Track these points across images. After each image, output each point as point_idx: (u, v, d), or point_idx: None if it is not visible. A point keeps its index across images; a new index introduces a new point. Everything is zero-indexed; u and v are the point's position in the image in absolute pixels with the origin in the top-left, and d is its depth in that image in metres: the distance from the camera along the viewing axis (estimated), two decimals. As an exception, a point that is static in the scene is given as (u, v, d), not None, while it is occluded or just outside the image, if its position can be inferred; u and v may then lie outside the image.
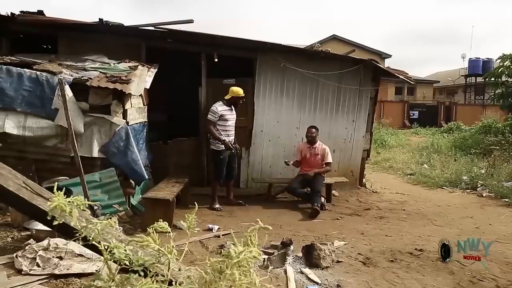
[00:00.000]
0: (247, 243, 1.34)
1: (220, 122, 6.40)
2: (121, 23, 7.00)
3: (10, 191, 1.53)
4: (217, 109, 6.38)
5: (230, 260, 1.22)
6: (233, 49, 7.55)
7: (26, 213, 2.18)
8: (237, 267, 1.21)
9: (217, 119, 6.37)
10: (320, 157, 7.03)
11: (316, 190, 6.70)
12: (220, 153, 6.46)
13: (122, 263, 1.44)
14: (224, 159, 6.51)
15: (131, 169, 5.62)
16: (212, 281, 1.22)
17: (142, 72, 6.22)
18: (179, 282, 1.43)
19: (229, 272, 1.19)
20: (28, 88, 5.29)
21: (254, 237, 1.38)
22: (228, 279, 1.19)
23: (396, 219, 6.47)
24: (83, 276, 3.47)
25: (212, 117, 6.38)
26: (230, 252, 1.26)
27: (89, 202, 2.04)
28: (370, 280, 3.92)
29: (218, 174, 6.63)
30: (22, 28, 7.04)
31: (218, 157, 6.49)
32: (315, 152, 7.04)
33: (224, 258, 1.26)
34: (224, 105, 6.45)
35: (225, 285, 1.20)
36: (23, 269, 3.38)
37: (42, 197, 1.59)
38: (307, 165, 7.06)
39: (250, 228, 1.49)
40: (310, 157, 7.04)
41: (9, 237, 4.31)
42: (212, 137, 6.48)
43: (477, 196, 8.27)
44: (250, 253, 1.28)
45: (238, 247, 1.28)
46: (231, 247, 1.30)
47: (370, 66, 7.92)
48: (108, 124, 5.58)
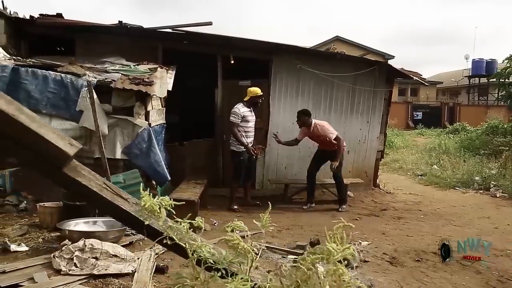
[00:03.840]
0: (334, 241, 1.39)
1: (242, 124, 6.44)
2: (140, 25, 7.04)
3: (94, 191, 1.57)
4: (240, 110, 6.42)
5: (332, 257, 1.26)
6: (249, 51, 7.61)
7: (107, 212, 2.22)
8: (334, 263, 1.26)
9: (240, 120, 6.41)
10: (322, 136, 6.78)
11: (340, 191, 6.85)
12: (240, 154, 6.50)
13: (207, 262, 1.48)
14: (244, 161, 6.55)
15: (153, 170, 5.67)
16: (306, 278, 1.26)
17: (162, 74, 6.27)
18: (261, 280, 1.47)
19: (334, 268, 1.24)
20: (53, 90, 5.33)
21: (340, 234, 1.43)
22: (331, 274, 1.23)
23: (414, 219, 6.50)
24: (120, 276, 3.51)
25: (235, 119, 6.42)
26: (328, 249, 1.30)
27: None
28: (399, 279, 3.96)
29: (237, 175, 6.66)
30: (41, 30, 7.09)
31: (238, 158, 6.52)
32: (316, 133, 6.79)
33: (323, 255, 1.30)
34: (245, 107, 6.49)
35: (329, 281, 1.24)
36: (61, 269, 3.41)
37: (122, 198, 1.63)
38: (322, 144, 6.92)
39: (335, 225, 1.53)
40: (314, 137, 6.89)
41: (40, 237, 4.35)
42: (237, 140, 6.50)
43: (491, 197, 8.31)
44: (349, 250, 1.33)
45: (333, 245, 1.33)
46: (326, 243, 1.34)
47: (384, 67, 7.98)
48: (130, 126, 5.62)
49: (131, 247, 4.31)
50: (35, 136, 1.47)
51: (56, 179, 1.58)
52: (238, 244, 1.48)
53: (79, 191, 1.59)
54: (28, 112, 1.52)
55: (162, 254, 4.15)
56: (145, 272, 3.57)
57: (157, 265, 3.74)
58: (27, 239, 4.31)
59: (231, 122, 6.47)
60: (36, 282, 3.20)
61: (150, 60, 7.00)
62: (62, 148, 1.50)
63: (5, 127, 1.46)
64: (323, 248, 1.39)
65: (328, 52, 7.98)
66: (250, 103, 6.56)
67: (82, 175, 1.59)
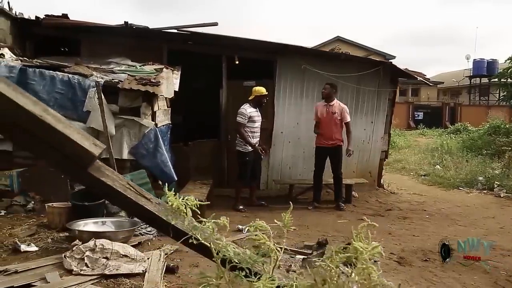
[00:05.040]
0: (359, 240, 1.40)
1: (248, 124, 6.46)
2: (146, 26, 7.06)
3: (118, 191, 1.58)
4: (246, 111, 6.43)
5: (360, 255, 1.28)
6: (253, 51, 7.63)
7: (132, 212, 2.24)
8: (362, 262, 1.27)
9: (247, 121, 6.42)
10: (337, 115, 6.70)
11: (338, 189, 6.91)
12: (246, 154, 6.51)
13: (233, 261, 1.49)
14: (250, 161, 6.57)
15: (160, 171, 5.68)
16: (335, 276, 1.27)
17: (168, 75, 6.29)
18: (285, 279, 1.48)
19: (363, 266, 1.25)
20: (60, 90, 5.35)
21: (364, 234, 1.44)
22: (359, 273, 1.24)
23: (419, 219, 6.51)
24: (131, 277, 3.52)
25: (242, 119, 6.43)
26: (356, 247, 1.31)
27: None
28: (409, 279, 3.97)
29: (242, 175, 6.67)
30: (46, 31, 7.10)
31: (244, 158, 6.54)
32: (332, 110, 6.71)
33: (350, 253, 1.32)
34: (251, 107, 6.51)
35: (358, 280, 1.25)
36: (73, 269, 3.42)
37: (145, 198, 1.64)
38: (324, 126, 6.77)
39: (360, 224, 1.54)
40: (327, 116, 6.74)
41: (49, 238, 4.36)
42: (243, 140, 6.52)
43: (495, 197, 8.33)
44: (377, 249, 1.34)
45: (360, 243, 1.34)
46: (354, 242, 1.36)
47: (388, 68, 7.99)
48: (137, 126, 5.64)
49: (140, 247, 4.32)
50: (61, 137, 1.48)
51: (82, 179, 1.60)
52: (264, 243, 1.49)
53: (104, 191, 1.60)
54: (54, 113, 1.54)
55: (171, 254, 4.17)
56: (155, 272, 3.58)
57: (167, 265, 3.75)
58: (36, 239, 4.32)
59: (237, 123, 6.47)
60: (48, 282, 3.21)
61: (155, 60, 7.01)
62: (87, 148, 1.51)
63: (33, 128, 1.47)
64: (348, 247, 1.40)
65: (333, 53, 8.00)
66: (255, 103, 6.57)
67: (106, 175, 1.60)
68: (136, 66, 6.41)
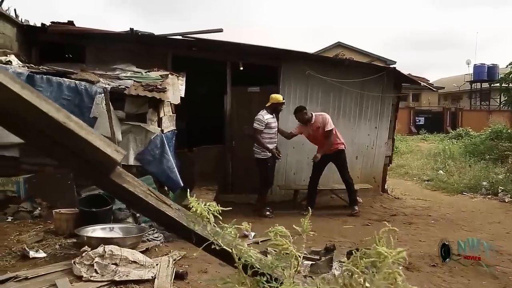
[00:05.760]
0: (382, 245, 1.41)
1: (265, 130, 6.52)
2: (152, 33, 7.09)
3: (140, 197, 1.59)
4: (263, 117, 6.49)
5: (385, 259, 1.28)
6: (257, 57, 7.66)
7: (153, 218, 2.24)
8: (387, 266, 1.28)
9: (264, 127, 6.47)
10: (322, 129, 6.79)
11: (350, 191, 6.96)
12: (266, 161, 6.59)
13: (254, 266, 1.49)
14: (271, 166, 6.69)
15: (166, 177, 5.68)
16: (361, 282, 1.28)
17: (173, 81, 6.31)
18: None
19: (389, 270, 1.25)
20: (67, 97, 5.36)
21: (385, 239, 1.45)
22: (385, 278, 1.25)
23: (424, 224, 6.51)
24: (141, 283, 3.53)
25: (259, 126, 6.48)
26: (380, 252, 1.32)
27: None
28: (417, 284, 3.94)
29: (266, 181, 6.76)
30: (51, 38, 7.14)
31: (266, 164, 6.61)
32: (316, 126, 6.81)
33: (374, 257, 1.32)
34: (268, 113, 6.57)
35: (384, 284, 1.26)
36: (83, 275, 3.43)
37: (166, 204, 1.65)
38: (315, 141, 6.96)
39: (381, 229, 1.55)
40: (313, 133, 6.88)
41: (57, 244, 4.36)
42: (261, 146, 6.56)
43: (500, 202, 8.32)
44: (402, 254, 1.35)
45: (384, 248, 1.35)
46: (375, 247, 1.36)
47: (392, 73, 8.02)
48: (143, 132, 5.65)
49: (147, 253, 4.32)
50: (85, 143, 1.50)
51: (104, 185, 1.60)
52: (287, 248, 1.50)
53: (126, 198, 1.61)
54: (76, 120, 1.55)
55: (179, 260, 4.17)
56: (165, 278, 3.58)
57: (176, 271, 3.75)
58: (44, 246, 4.32)
59: (254, 129, 6.51)
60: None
61: (159, 66, 7.04)
62: (110, 154, 1.52)
63: (56, 134, 1.49)
64: (371, 252, 1.41)
65: (337, 58, 8.04)
66: (272, 109, 6.64)
67: (127, 182, 1.61)
68: (142, 72, 6.44)
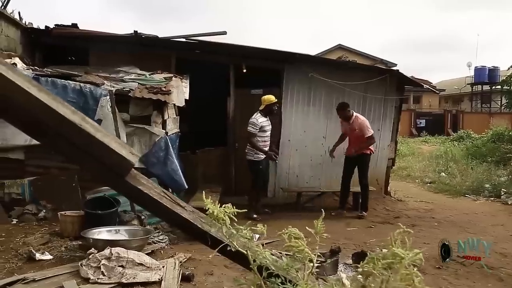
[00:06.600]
0: (396, 246, 1.41)
1: (259, 133, 6.50)
2: (155, 35, 7.11)
3: (155, 199, 1.60)
4: (258, 121, 6.48)
5: (403, 260, 1.29)
6: (261, 60, 7.68)
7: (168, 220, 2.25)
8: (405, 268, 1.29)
9: (258, 130, 6.46)
10: (358, 131, 6.81)
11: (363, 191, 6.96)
12: (258, 163, 6.57)
13: (270, 268, 1.50)
14: (263, 169, 6.66)
15: (171, 179, 5.70)
16: (380, 283, 1.28)
17: (177, 83, 6.33)
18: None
19: (406, 271, 1.26)
20: (72, 99, 5.37)
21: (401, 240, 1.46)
22: (402, 279, 1.26)
23: (428, 227, 6.51)
24: (148, 285, 3.53)
25: (253, 129, 6.47)
26: (397, 253, 1.33)
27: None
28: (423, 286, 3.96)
29: (257, 183, 6.73)
30: (55, 40, 7.17)
31: (258, 167, 6.59)
32: (353, 127, 6.86)
33: (392, 259, 1.33)
34: (262, 116, 6.56)
35: (402, 285, 1.27)
36: (90, 277, 3.43)
37: (180, 206, 1.66)
38: (349, 141, 7.03)
39: (397, 231, 1.56)
40: (350, 132, 6.95)
41: (63, 246, 4.37)
42: (256, 149, 6.55)
43: (502, 204, 8.32)
44: (418, 255, 1.36)
45: (400, 249, 1.36)
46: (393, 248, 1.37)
47: (395, 75, 8.03)
48: (148, 135, 5.67)
49: (153, 255, 4.32)
50: (100, 145, 1.50)
51: (120, 187, 1.61)
52: (302, 250, 1.51)
53: (141, 200, 1.62)
54: (92, 122, 1.56)
55: (185, 262, 4.17)
56: (171, 280, 3.58)
57: (182, 273, 3.75)
58: (49, 248, 4.33)
59: (249, 132, 6.51)
60: (66, 290, 3.22)
61: (163, 69, 7.07)
62: (125, 156, 1.53)
63: (72, 136, 1.49)
64: (387, 253, 1.41)
65: (340, 61, 8.07)
66: (266, 112, 6.62)
67: (142, 184, 1.62)
68: (146, 75, 6.46)
